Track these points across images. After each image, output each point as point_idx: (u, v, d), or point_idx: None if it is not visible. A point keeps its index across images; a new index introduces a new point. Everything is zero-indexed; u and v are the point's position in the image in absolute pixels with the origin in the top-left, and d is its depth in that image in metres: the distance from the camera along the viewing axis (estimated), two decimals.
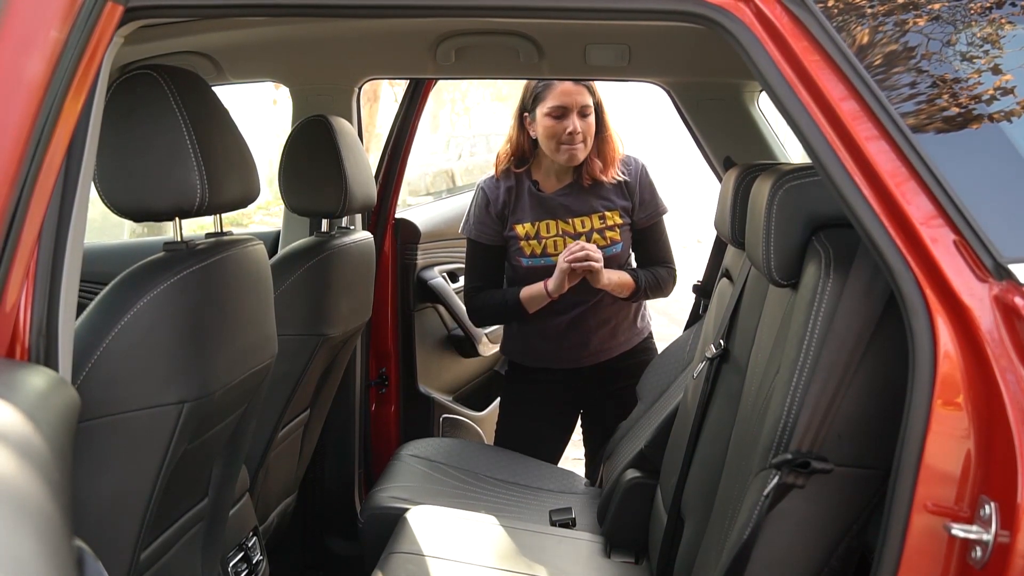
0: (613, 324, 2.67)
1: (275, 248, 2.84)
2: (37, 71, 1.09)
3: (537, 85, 2.52)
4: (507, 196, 2.60)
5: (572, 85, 2.48)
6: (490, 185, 2.64)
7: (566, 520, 2.28)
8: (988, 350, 1.03)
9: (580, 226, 2.57)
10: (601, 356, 2.68)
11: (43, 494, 0.76)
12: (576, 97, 2.47)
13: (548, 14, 1.28)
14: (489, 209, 2.61)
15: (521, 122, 2.58)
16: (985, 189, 1.10)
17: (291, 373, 2.05)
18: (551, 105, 2.47)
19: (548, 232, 2.58)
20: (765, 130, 2.63)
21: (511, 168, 2.61)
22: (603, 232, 2.57)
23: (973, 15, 1.19)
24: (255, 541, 1.95)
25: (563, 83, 2.48)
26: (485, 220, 2.62)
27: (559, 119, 2.47)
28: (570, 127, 2.46)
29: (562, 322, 2.62)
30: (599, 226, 2.57)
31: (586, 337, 2.65)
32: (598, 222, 2.57)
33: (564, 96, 2.47)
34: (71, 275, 1.16)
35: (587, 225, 2.57)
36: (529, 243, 2.58)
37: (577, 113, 2.48)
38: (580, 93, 2.48)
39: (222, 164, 1.46)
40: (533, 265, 2.59)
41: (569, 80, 2.48)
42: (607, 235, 2.58)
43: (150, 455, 1.38)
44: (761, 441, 1.37)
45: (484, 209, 2.62)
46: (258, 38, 2.58)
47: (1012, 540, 0.97)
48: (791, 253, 1.42)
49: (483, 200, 2.63)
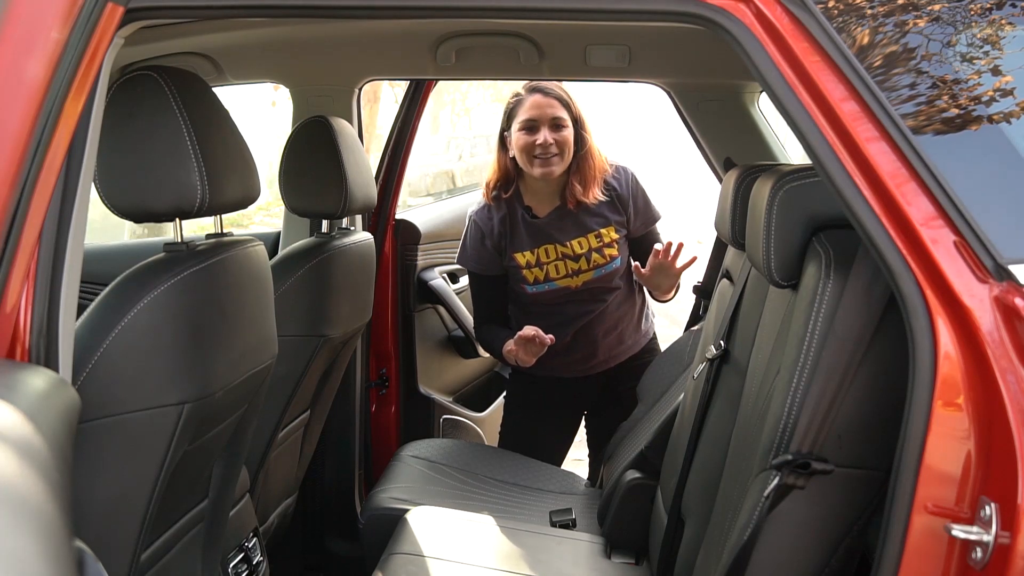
0: (619, 330, 2.67)
1: (275, 249, 2.84)
2: (38, 72, 1.10)
3: (510, 103, 2.52)
4: (502, 227, 2.58)
5: (543, 98, 2.46)
6: (483, 217, 2.61)
7: (566, 521, 2.28)
8: (988, 351, 1.03)
9: (578, 247, 2.56)
10: (610, 363, 2.69)
11: (43, 495, 0.76)
12: (547, 110, 2.46)
13: (548, 15, 1.28)
14: (485, 242, 2.59)
15: (503, 142, 2.57)
16: (985, 190, 1.10)
17: (291, 374, 2.05)
18: (522, 119, 2.46)
19: (548, 257, 2.57)
20: (765, 131, 2.63)
21: (500, 195, 2.59)
22: (601, 251, 2.57)
23: (973, 16, 1.19)
24: (255, 542, 1.95)
25: (534, 96, 2.47)
26: (482, 252, 2.60)
27: (530, 131, 2.46)
28: (540, 139, 2.44)
29: (567, 334, 2.61)
30: (596, 245, 2.57)
31: (593, 347, 2.65)
32: (595, 241, 2.57)
33: (534, 109, 2.46)
34: (71, 276, 1.16)
35: (584, 246, 2.56)
36: (531, 271, 2.57)
37: (548, 126, 2.45)
38: (551, 106, 2.47)
39: (222, 165, 1.46)
40: (538, 291, 2.59)
41: (540, 94, 2.47)
42: (606, 252, 2.57)
43: (150, 456, 1.38)
44: (761, 442, 1.37)
45: (480, 242, 2.60)
46: (258, 39, 2.58)
47: (1012, 541, 0.97)
48: (791, 254, 1.42)
49: (477, 233, 2.60)
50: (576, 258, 2.56)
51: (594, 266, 2.57)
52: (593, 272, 2.57)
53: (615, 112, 12.05)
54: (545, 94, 2.47)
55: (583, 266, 2.57)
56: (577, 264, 2.56)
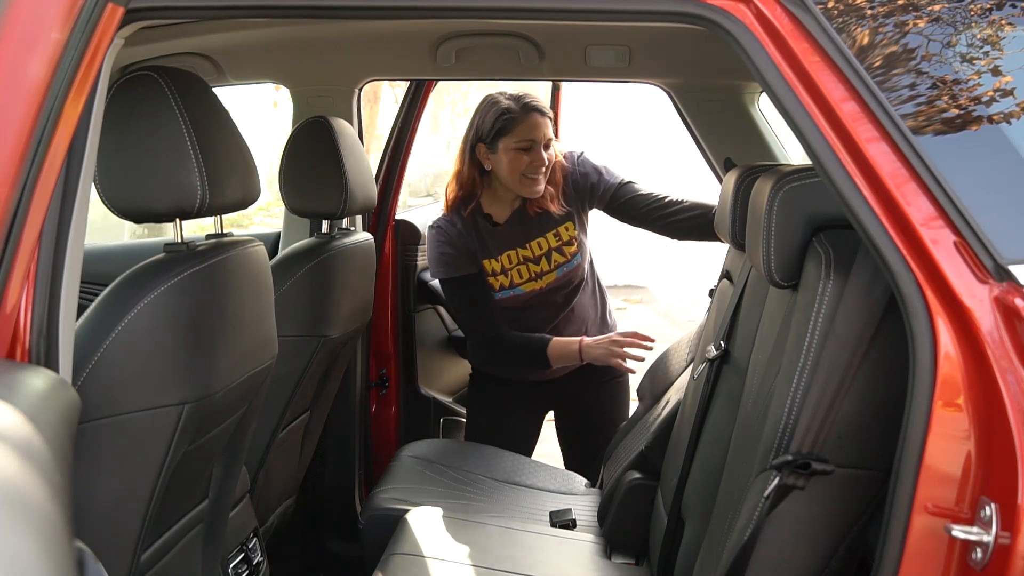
0: (585, 329, 2.67)
1: (275, 249, 2.84)
2: (38, 73, 1.09)
3: (499, 117, 2.45)
4: (467, 236, 2.55)
5: (540, 118, 2.45)
6: (445, 224, 2.56)
7: (566, 521, 2.28)
8: (988, 351, 1.03)
9: (537, 248, 2.56)
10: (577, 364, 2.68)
11: (44, 495, 0.76)
12: (544, 130, 2.46)
13: (548, 15, 1.28)
14: (453, 244, 2.54)
15: (472, 154, 2.51)
16: (985, 190, 1.10)
17: (291, 374, 2.05)
18: (520, 138, 2.44)
19: (511, 263, 2.57)
20: (765, 131, 2.63)
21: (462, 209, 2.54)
22: (561, 249, 2.57)
23: (973, 16, 1.19)
24: (255, 542, 1.95)
25: (532, 116, 2.44)
26: (453, 254, 2.54)
27: (527, 151, 2.44)
28: (537, 160, 2.44)
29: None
30: (556, 244, 2.57)
31: None
32: (554, 240, 2.57)
33: (534, 130, 2.44)
34: (72, 276, 1.16)
35: (544, 246, 2.56)
36: (497, 278, 2.58)
37: (543, 146, 2.46)
38: (546, 126, 2.47)
39: (223, 165, 1.46)
40: (504, 297, 2.59)
41: (538, 114, 2.45)
42: (566, 251, 2.58)
43: (151, 456, 1.38)
44: (761, 442, 1.37)
45: (448, 245, 2.54)
46: (258, 39, 2.58)
47: (1012, 541, 0.97)
48: (791, 254, 1.42)
49: (443, 238, 2.55)
50: (537, 260, 2.56)
51: (555, 265, 2.58)
52: (556, 272, 2.58)
53: (615, 112, 12.03)
54: (542, 114, 2.46)
55: (544, 267, 2.57)
56: (539, 267, 2.57)
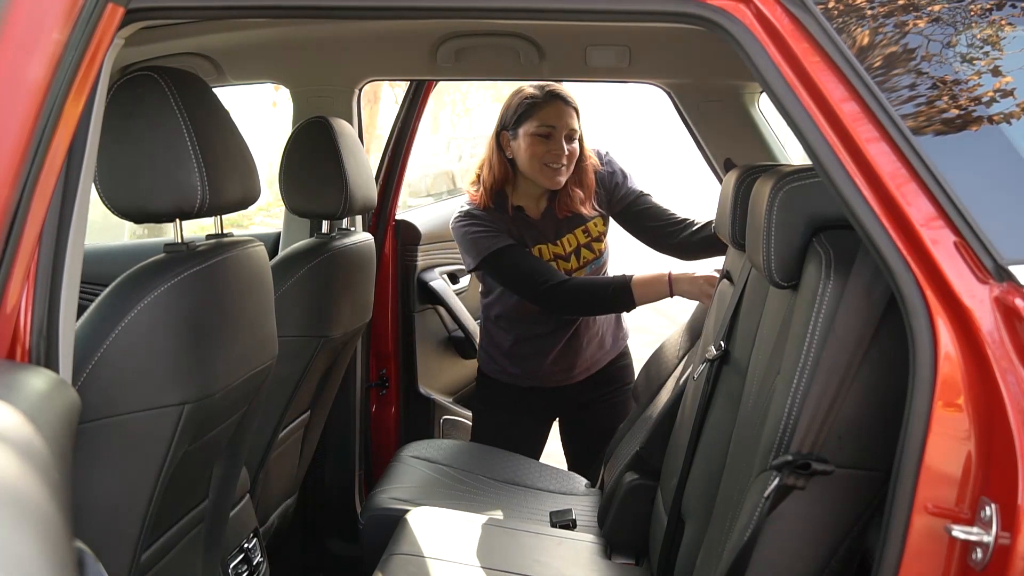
0: (602, 334, 2.66)
1: (275, 249, 2.84)
2: (38, 73, 1.09)
3: (522, 103, 2.44)
4: (501, 221, 2.50)
5: (564, 106, 2.42)
6: (474, 209, 2.50)
7: (566, 521, 2.28)
8: (989, 351, 1.03)
9: (568, 245, 2.55)
10: (592, 369, 2.67)
11: (44, 495, 0.76)
12: (566, 119, 2.42)
13: (548, 15, 1.28)
14: (485, 223, 2.46)
15: (499, 142, 2.49)
16: (985, 191, 1.10)
17: (291, 374, 2.05)
18: (539, 123, 2.41)
19: (543, 257, 2.54)
20: (765, 131, 2.63)
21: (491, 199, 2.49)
22: (590, 245, 2.57)
23: (973, 17, 1.19)
24: (255, 542, 1.95)
25: (553, 102, 2.42)
26: (488, 230, 2.45)
27: (546, 138, 2.41)
28: (556, 148, 2.41)
29: (558, 343, 2.59)
30: (585, 240, 2.56)
31: (578, 354, 2.63)
32: (583, 236, 2.56)
33: (555, 117, 2.41)
34: (72, 277, 1.16)
35: (574, 243, 2.56)
36: None
37: (565, 136, 2.42)
38: (570, 116, 2.43)
39: (223, 165, 1.46)
40: None
41: (561, 102, 2.43)
42: (594, 247, 2.57)
43: (151, 457, 1.38)
44: (761, 442, 1.37)
45: (480, 224, 2.46)
46: (258, 39, 2.58)
47: (1013, 542, 0.97)
48: (791, 255, 1.42)
49: (474, 220, 2.47)
50: (567, 257, 2.55)
51: (584, 263, 2.57)
52: (584, 270, 2.57)
53: (615, 112, 12.05)
54: (566, 103, 2.43)
55: (574, 264, 2.56)
56: (568, 264, 2.56)
